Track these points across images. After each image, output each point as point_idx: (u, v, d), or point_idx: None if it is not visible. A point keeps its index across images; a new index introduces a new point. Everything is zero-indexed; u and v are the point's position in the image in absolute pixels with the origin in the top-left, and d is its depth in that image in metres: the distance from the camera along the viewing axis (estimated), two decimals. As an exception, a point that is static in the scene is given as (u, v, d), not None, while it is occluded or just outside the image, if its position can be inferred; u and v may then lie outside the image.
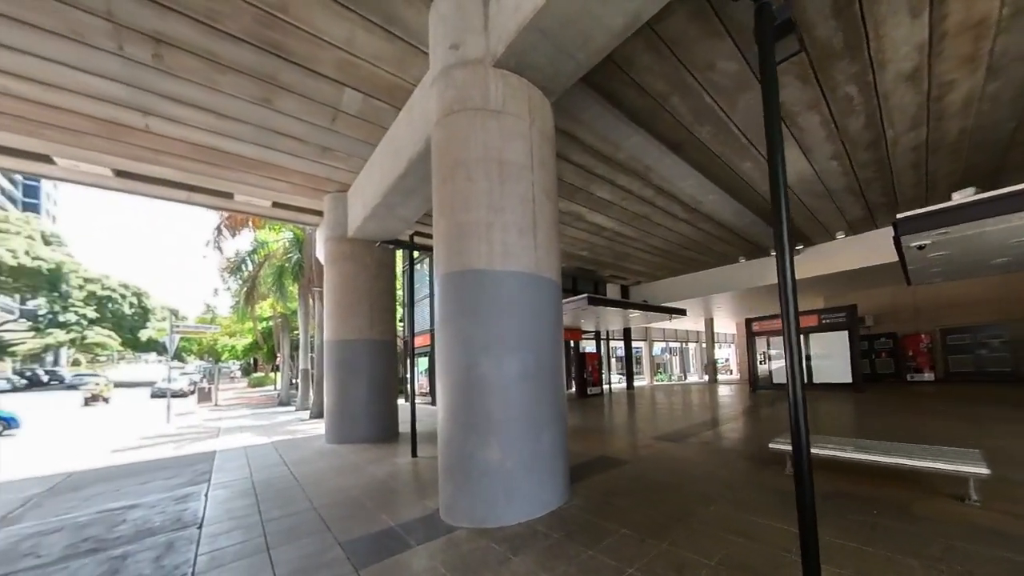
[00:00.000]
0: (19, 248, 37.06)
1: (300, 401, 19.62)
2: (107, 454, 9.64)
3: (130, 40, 4.33)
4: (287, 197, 8.80)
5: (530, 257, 3.93)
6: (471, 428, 3.69)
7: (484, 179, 3.84)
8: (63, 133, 5.88)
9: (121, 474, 6.56)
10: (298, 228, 17.27)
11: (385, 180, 6.54)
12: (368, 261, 9.29)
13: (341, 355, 8.89)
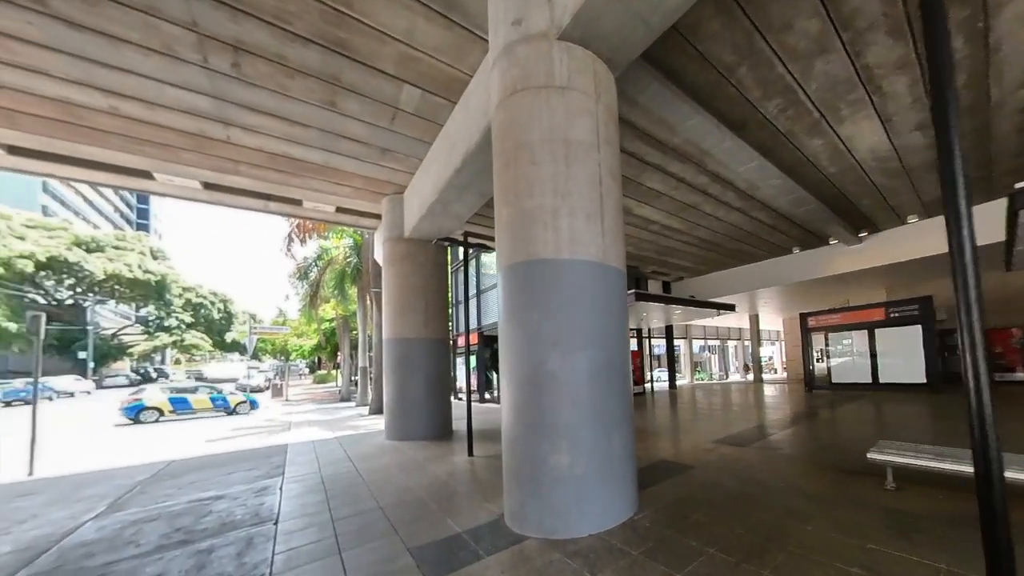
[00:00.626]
0: (134, 263, 40.93)
1: (360, 397, 19.98)
2: (203, 444, 10.17)
3: (212, 50, 4.35)
4: (349, 201, 8.87)
5: (597, 244, 3.52)
6: (540, 430, 3.32)
7: (549, 161, 3.47)
8: (160, 149, 6.13)
9: (211, 464, 6.76)
10: (357, 233, 17.72)
11: (441, 177, 6.34)
12: (423, 260, 9.19)
13: (399, 353, 8.80)
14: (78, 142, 5.81)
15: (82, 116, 5.24)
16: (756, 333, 24.15)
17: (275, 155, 6.57)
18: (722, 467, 4.99)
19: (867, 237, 11.78)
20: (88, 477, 6.17)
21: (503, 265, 3.66)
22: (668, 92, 5.02)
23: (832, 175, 7.85)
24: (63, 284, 39.13)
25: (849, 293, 18.03)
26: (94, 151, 6.11)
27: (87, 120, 5.32)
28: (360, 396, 19.89)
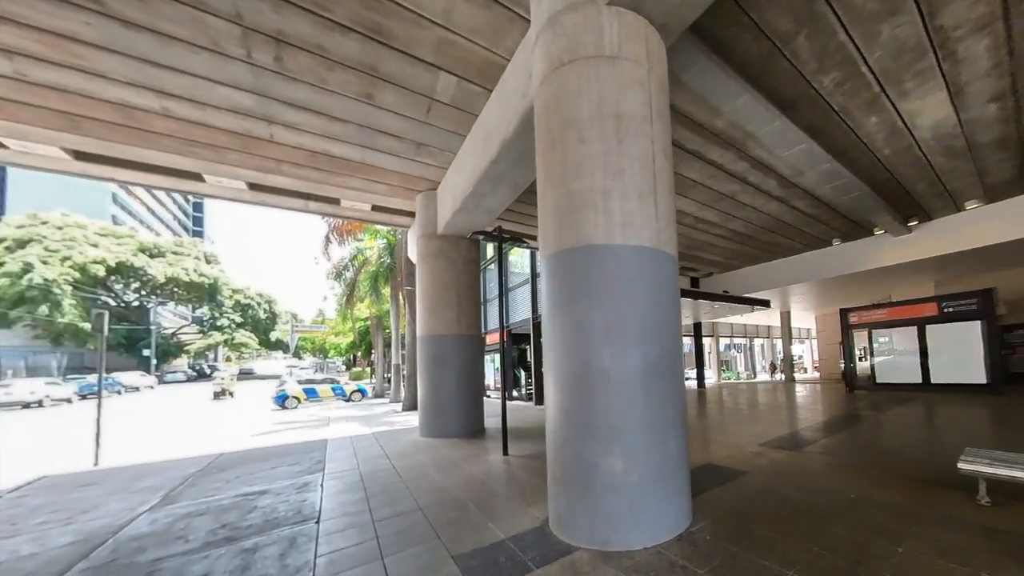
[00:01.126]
0: (190, 267, 43.06)
1: (393, 394, 20.06)
2: (250, 437, 10.30)
3: (256, 44, 4.26)
4: (384, 199, 8.78)
5: (651, 228, 3.15)
6: (591, 432, 2.98)
7: (599, 139, 3.13)
8: (209, 150, 6.16)
9: (257, 458, 6.74)
10: (390, 234, 17.81)
11: (475, 169, 6.10)
12: (455, 256, 8.99)
13: (432, 350, 8.61)
14: (136, 145, 5.90)
15: (139, 119, 5.28)
16: (788, 331, 22.86)
17: (315, 153, 6.49)
18: (777, 473, 4.50)
19: (917, 226, 10.78)
20: (146, 468, 6.26)
21: (548, 253, 3.34)
22: (716, 68, 4.57)
23: (885, 157, 7.12)
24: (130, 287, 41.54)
25: (892, 288, 16.71)
26: (150, 154, 6.20)
27: (143, 123, 5.37)
28: (394, 393, 19.95)
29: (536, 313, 15.19)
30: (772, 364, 29.20)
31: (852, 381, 14.45)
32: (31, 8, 3.70)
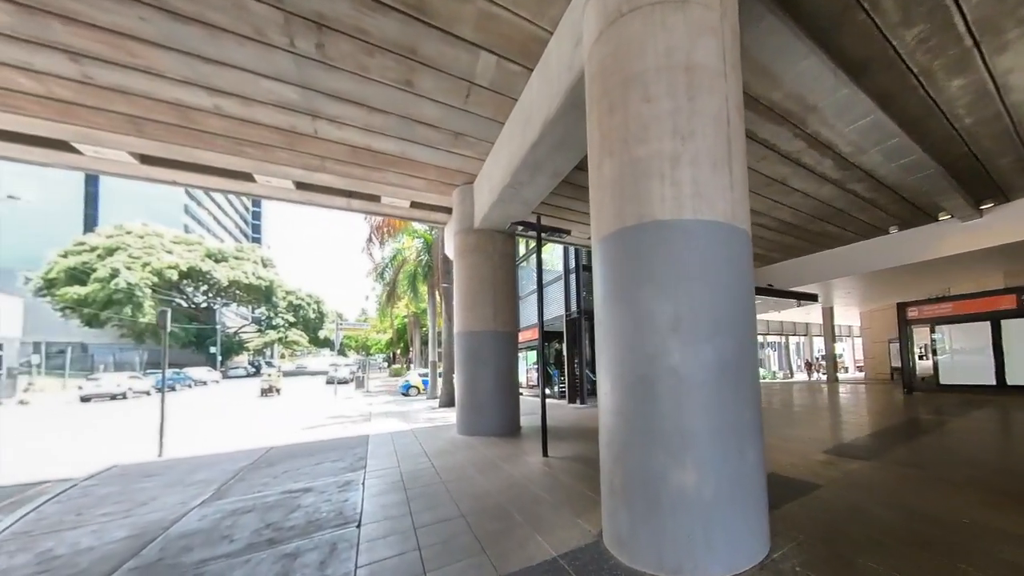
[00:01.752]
0: (249, 271, 45.37)
1: (429, 390, 20.03)
2: (299, 431, 10.32)
3: (298, 30, 4.08)
4: (422, 195, 8.57)
5: (725, 200, 2.64)
6: (657, 439, 2.50)
7: (667, 95, 2.65)
8: (258, 149, 6.12)
9: (303, 452, 6.62)
10: (427, 233, 17.80)
11: (513, 156, 5.71)
12: (491, 251, 8.64)
13: (469, 346, 8.29)
14: (193, 146, 5.94)
15: (194, 119, 5.27)
16: (831, 328, 21.05)
17: (357, 148, 6.33)
18: (856, 487, 3.83)
19: (990, 209, 9.43)
20: (203, 461, 6.25)
21: (603, 234, 2.88)
22: (783, 26, 3.96)
23: (966, 128, 6.14)
24: (199, 290, 44.24)
25: (952, 280, 14.91)
26: (206, 155, 6.24)
27: (198, 123, 5.36)
28: (430, 389, 19.90)
29: (569, 310, 14.64)
30: (808, 363, 27.12)
31: (911, 382, 12.97)
32: (90, 6, 3.65)
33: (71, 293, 34.22)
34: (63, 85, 4.35)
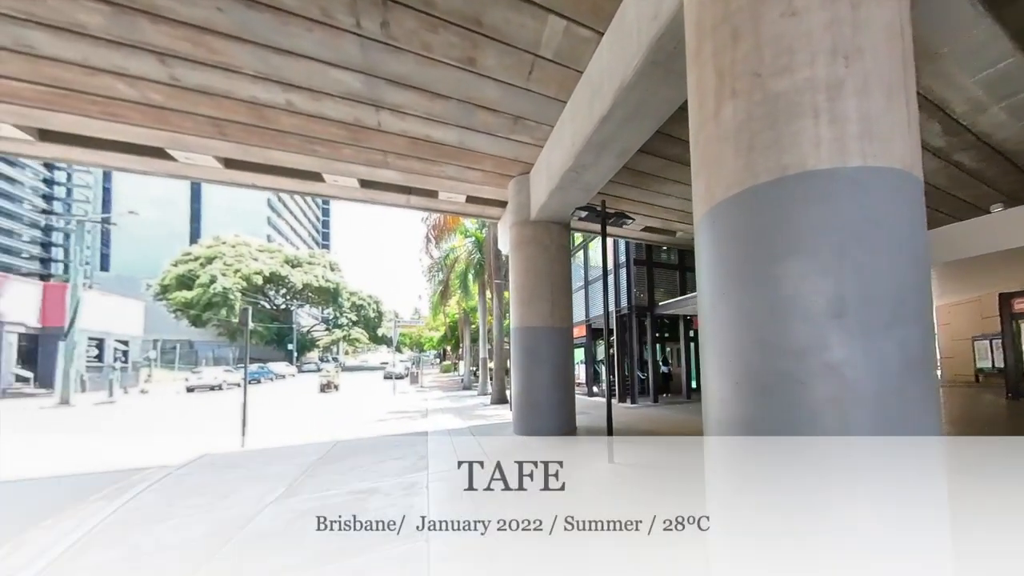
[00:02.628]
0: (320, 275, 48.33)
1: (481, 387, 19.72)
2: (362, 425, 10.28)
3: (363, 8, 3.82)
4: (478, 188, 8.21)
5: (903, 140, 1.91)
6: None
7: (819, 4, 1.95)
8: (326, 146, 6.04)
9: (367, 448, 6.43)
10: (479, 232, 17.61)
11: (577, 136, 5.13)
12: (548, 242, 8.09)
13: (525, 343, 7.75)
14: (268, 147, 5.97)
15: (268, 117, 5.23)
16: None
17: (417, 140, 6.07)
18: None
19: None
20: (278, 453, 6.20)
21: (719, 199, 2.17)
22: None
23: None
24: (279, 293, 47.74)
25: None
26: (280, 156, 6.28)
27: (272, 121, 5.32)
28: (481, 386, 19.64)
29: (618, 306, 13.74)
30: None
31: (1016, 386, 10.68)
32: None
33: (180, 297, 38.24)
34: (155, 89, 4.43)
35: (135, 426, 11.60)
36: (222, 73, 4.35)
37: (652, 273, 13.53)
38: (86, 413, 14.52)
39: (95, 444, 8.80)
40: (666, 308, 12.99)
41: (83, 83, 4.21)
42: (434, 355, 58.59)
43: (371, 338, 57.69)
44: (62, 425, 11.60)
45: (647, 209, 9.49)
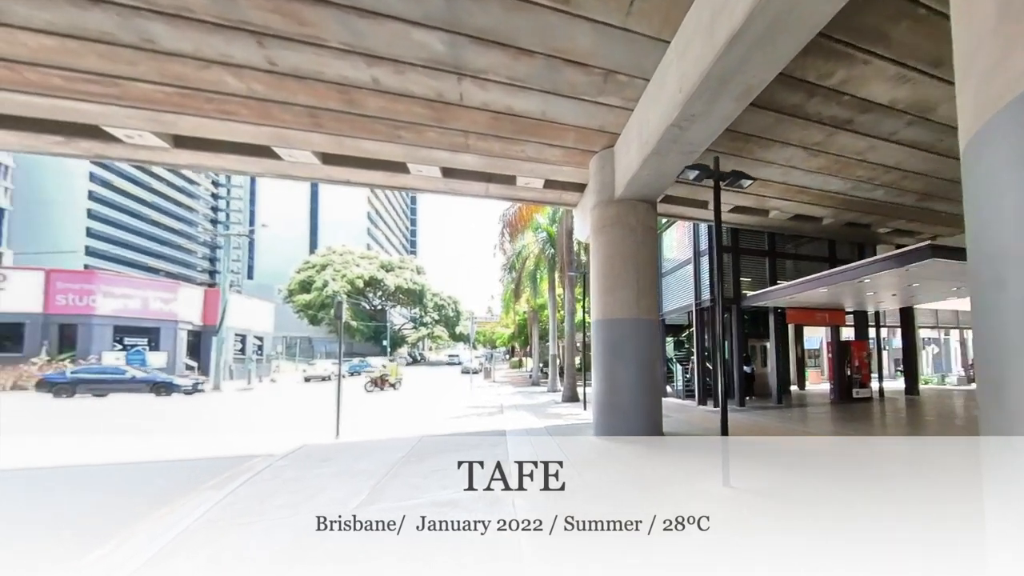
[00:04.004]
0: (408, 278, 51.88)
1: (550, 383, 18.66)
2: (443, 420, 9.93)
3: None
4: (557, 170, 7.38)
5: None
6: None
7: None
8: (411, 131, 5.74)
9: (450, 447, 5.92)
10: (550, 227, 16.80)
11: (687, 77, 4.00)
12: (634, 223, 6.93)
13: (608, 336, 6.67)
14: (359, 137, 5.86)
15: (356, 100, 5.04)
16: None
17: (498, 115, 5.46)
18: None
19: None
20: (367, 448, 5.94)
21: None
22: None
23: None
24: (376, 295, 52.28)
25: None
26: (370, 146, 6.16)
27: (360, 104, 5.12)
28: (551, 383, 18.61)
29: (699, 298, 11.79)
30: (969, 364, 17.95)
31: None
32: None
33: (301, 299, 43.88)
34: (257, 78, 4.44)
35: (259, 412, 12.86)
36: (312, 51, 4.13)
37: (738, 261, 11.34)
38: (228, 399, 16.59)
39: (228, 426, 9.81)
40: (755, 300, 10.78)
41: (199, 79, 4.33)
42: (503, 351, 59.05)
43: (451, 335, 60.23)
44: (208, 408, 13.27)
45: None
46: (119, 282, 23.69)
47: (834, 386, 11.28)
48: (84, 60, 3.92)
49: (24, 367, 18.22)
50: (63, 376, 15.79)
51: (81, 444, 7.16)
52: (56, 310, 20.59)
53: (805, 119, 5.81)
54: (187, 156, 5.94)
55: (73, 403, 14.22)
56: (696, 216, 9.95)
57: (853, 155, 6.82)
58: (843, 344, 11.73)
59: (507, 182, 7.72)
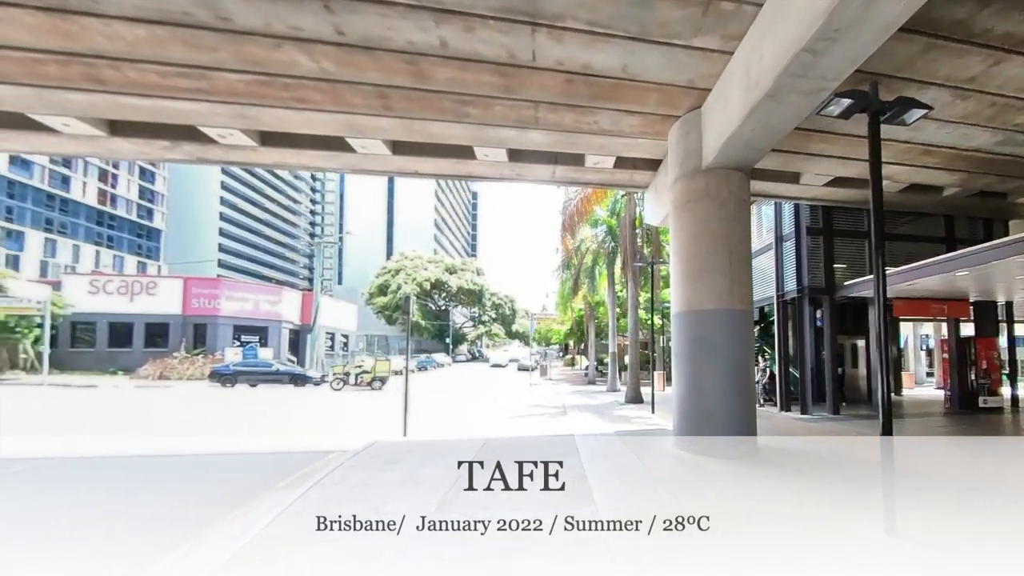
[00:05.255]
0: (469, 279, 53.24)
1: (609, 383, 17.24)
2: (506, 419, 9.43)
3: None
4: (630, 145, 6.38)
5: None
6: None
7: None
8: (477, 106, 5.16)
9: (515, 450, 5.18)
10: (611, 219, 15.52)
11: None
12: (726, 196, 5.66)
13: (693, 331, 5.46)
14: (427, 118, 5.43)
15: (425, 73, 4.56)
16: None
17: (573, 78, 4.67)
18: None
19: None
20: (433, 449, 5.41)
21: None
22: None
23: None
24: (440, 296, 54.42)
25: None
26: (437, 129, 5.72)
27: (428, 78, 4.64)
28: (610, 382, 17.19)
29: (782, 289, 9.76)
30: None
31: None
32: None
33: (379, 301, 47.16)
34: (326, 54, 4.15)
35: (344, 403, 13.37)
36: (378, 13, 3.70)
37: (831, 245, 9.09)
38: (320, 391, 17.58)
39: (319, 415, 10.16)
40: (854, 289, 8.54)
41: (273, 61, 4.15)
42: (556, 348, 57.46)
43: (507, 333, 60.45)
44: (302, 402, 14.02)
45: (845, 147, 6.13)
46: (237, 287, 27.28)
47: (950, 392, 8.59)
48: (173, 50, 3.95)
49: (168, 360, 21.26)
50: (228, 369, 18.21)
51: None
52: (191, 312, 23.87)
53: (965, 42, 4.16)
54: (273, 155, 6.11)
55: (235, 391, 16.29)
56: (782, 194, 8.20)
57: (1017, 93, 4.87)
58: (963, 342, 8.89)
59: (575, 163, 6.89)
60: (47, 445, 6.20)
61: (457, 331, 60.56)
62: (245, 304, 25.49)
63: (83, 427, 8.70)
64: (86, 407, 11.76)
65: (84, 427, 8.71)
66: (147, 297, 23.38)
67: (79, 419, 9.82)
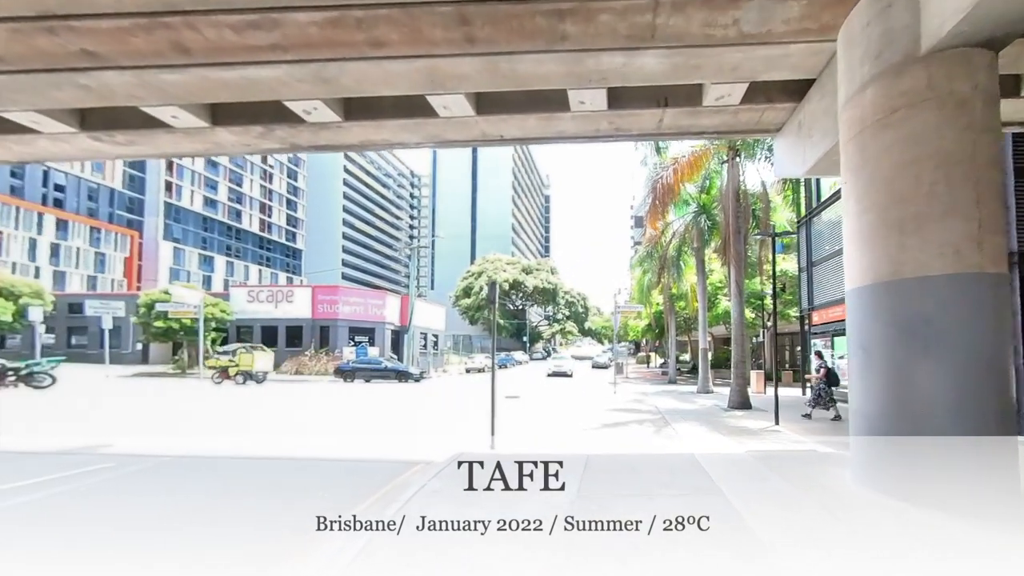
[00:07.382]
0: (543, 279, 52.11)
1: (700, 383, 14.24)
2: (602, 428, 7.69)
3: None
4: (779, 57, 4.30)
5: None
6: None
7: None
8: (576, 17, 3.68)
9: (631, 478, 3.67)
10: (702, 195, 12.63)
11: None
12: (966, 93, 3.22)
13: (900, 311, 3.18)
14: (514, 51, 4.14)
15: None
16: None
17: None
18: None
19: None
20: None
21: None
22: None
23: None
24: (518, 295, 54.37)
25: None
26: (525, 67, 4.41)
27: None
28: (701, 382, 14.23)
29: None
30: None
31: None
32: None
33: (464, 303, 49.12)
34: None
35: (437, 398, 13.01)
36: None
37: None
38: (414, 387, 17.82)
39: (413, 409, 9.75)
40: None
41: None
42: (627, 346, 52.09)
43: (580, 330, 57.33)
44: (399, 398, 13.53)
45: None
46: (351, 293, 30.19)
47: None
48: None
49: (301, 358, 23.95)
50: (348, 366, 19.93)
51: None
52: (317, 316, 26.56)
53: None
54: (357, 131, 5.58)
55: (353, 387, 17.33)
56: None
57: None
58: None
59: (689, 102, 5.07)
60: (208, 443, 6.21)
61: (533, 329, 59.72)
62: (357, 308, 27.69)
63: (249, 424, 8.91)
64: (254, 403, 12.37)
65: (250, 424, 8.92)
66: (287, 304, 26.87)
67: (248, 414, 10.30)
